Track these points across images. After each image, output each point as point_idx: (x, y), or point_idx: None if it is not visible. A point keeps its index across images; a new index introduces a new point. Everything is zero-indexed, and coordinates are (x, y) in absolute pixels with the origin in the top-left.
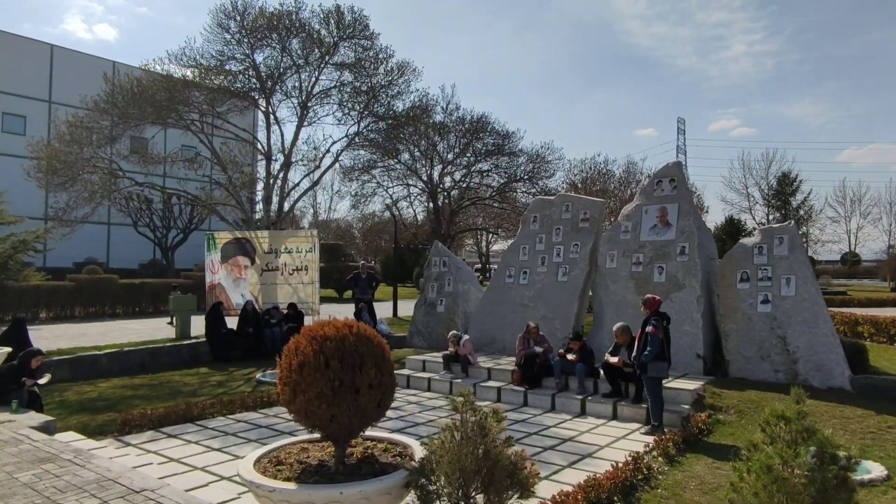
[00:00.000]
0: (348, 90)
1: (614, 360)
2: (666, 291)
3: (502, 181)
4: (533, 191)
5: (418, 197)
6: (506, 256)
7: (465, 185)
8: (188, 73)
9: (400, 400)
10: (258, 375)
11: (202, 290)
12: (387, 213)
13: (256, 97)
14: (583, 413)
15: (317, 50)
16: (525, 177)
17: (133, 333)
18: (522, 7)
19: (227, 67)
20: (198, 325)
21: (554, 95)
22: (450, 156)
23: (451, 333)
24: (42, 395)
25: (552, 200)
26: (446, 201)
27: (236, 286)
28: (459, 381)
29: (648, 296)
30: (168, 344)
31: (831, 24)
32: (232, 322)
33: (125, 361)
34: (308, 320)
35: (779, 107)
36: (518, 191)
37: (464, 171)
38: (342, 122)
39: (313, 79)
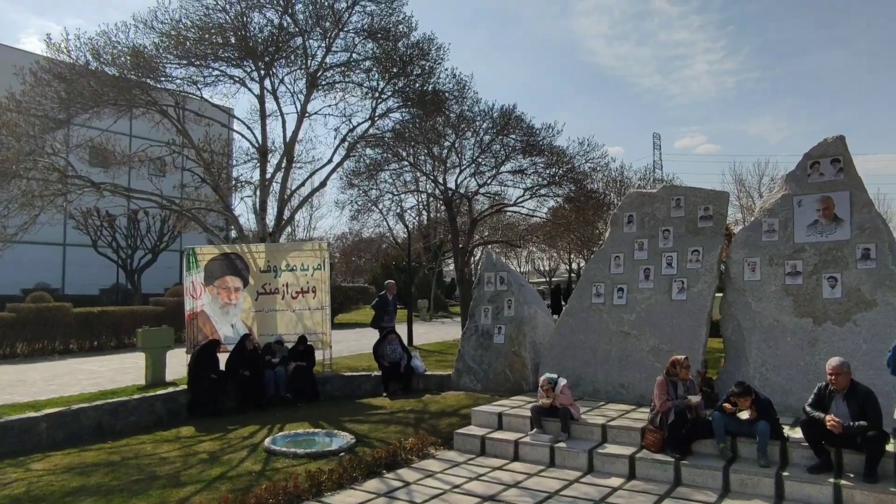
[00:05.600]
0: (367, 64)
1: (833, 420)
2: (845, 311)
3: (533, 184)
4: (568, 194)
5: (418, 207)
6: (590, 269)
7: (486, 191)
8: (163, 40)
9: (486, 479)
10: (266, 441)
11: (179, 320)
12: (377, 229)
13: (250, 70)
14: (780, 499)
15: (325, 21)
16: (560, 179)
17: (89, 378)
18: (491, 26)
19: (213, 39)
20: (175, 363)
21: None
22: (471, 155)
23: (543, 378)
24: None
25: (654, 194)
26: (465, 209)
27: (225, 314)
28: (563, 444)
29: None
30: (136, 396)
31: (786, 44)
32: (221, 362)
33: (74, 425)
34: (319, 356)
35: (740, 123)
36: (555, 196)
37: (492, 171)
38: (368, 95)
39: (322, 49)
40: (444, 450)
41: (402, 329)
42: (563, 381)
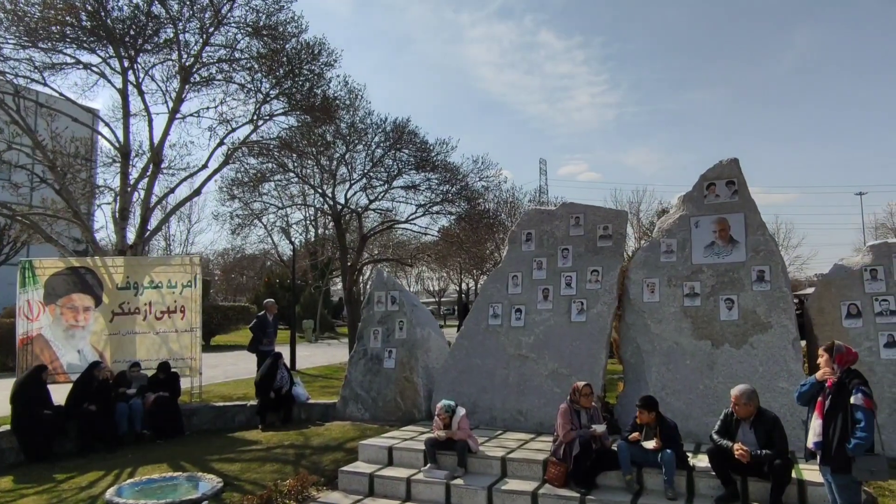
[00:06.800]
0: (250, 63)
1: (741, 449)
2: (742, 334)
3: (426, 201)
4: (460, 213)
5: (305, 222)
6: (487, 289)
7: (377, 207)
8: None
9: None
10: (109, 492)
11: (11, 347)
12: (261, 245)
13: (107, 57)
14: None
15: (203, 13)
16: (454, 196)
17: None
18: (385, 47)
19: (60, 17)
20: (0, 398)
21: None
22: (362, 168)
23: (440, 405)
24: None
25: (553, 212)
26: (355, 226)
27: (70, 338)
28: (460, 481)
29: (839, 343)
30: None
31: (662, 82)
32: (62, 394)
33: None
34: (186, 384)
35: (619, 154)
36: (448, 213)
37: (383, 186)
38: (251, 97)
39: (199, 43)
40: (327, 491)
41: (284, 351)
42: (461, 412)
